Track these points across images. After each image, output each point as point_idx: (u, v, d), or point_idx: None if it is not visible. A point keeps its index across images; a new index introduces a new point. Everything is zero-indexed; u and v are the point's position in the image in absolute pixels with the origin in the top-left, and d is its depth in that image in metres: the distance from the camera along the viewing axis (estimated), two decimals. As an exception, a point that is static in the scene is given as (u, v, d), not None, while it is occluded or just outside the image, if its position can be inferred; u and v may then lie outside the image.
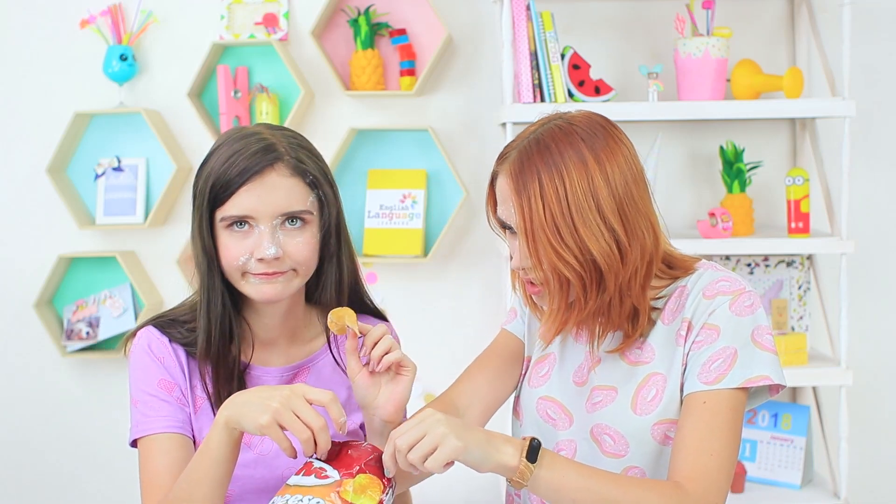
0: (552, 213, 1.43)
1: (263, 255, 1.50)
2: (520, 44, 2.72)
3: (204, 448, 1.41)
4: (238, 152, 1.52)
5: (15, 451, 3.22)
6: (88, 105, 3.11)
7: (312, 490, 1.33)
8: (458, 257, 3.13)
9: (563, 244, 1.43)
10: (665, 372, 1.49)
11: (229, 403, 1.40)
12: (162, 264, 3.15)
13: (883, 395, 3.10)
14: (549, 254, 1.43)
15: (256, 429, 1.35)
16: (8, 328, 3.19)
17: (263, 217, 1.51)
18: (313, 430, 1.33)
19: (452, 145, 3.10)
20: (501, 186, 1.51)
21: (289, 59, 3.03)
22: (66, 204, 3.06)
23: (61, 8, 3.13)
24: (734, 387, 1.44)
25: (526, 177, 1.46)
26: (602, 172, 1.44)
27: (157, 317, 1.64)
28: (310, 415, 1.34)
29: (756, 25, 3.05)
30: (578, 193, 1.43)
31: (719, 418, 1.43)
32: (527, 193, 1.45)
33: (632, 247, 1.45)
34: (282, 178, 1.51)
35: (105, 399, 3.19)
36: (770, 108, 2.76)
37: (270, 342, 1.64)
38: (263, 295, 1.53)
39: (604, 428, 1.51)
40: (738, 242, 2.75)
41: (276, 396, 1.35)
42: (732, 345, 1.45)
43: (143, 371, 1.58)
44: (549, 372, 1.60)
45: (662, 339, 1.51)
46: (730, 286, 1.49)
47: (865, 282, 3.05)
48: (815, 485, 2.90)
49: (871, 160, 3.06)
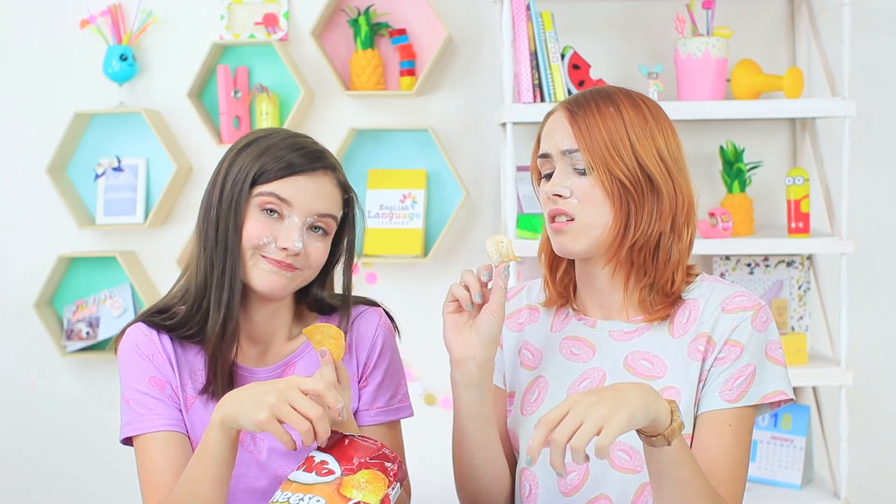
0: (610, 133, 1.47)
1: (289, 246, 1.52)
2: (520, 44, 2.72)
3: (202, 448, 1.41)
4: (302, 145, 1.57)
5: (15, 451, 3.22)
6: (88, 105, 3.11)
7: (314, 488, 1.32)
8: (458, 257, 3.13)
9: (620, 158, 1.46)
10: (679, 386, 1.49)
11: (224, 402, 1.40)
12: (162, 264, 3.15)
13: (883, 395, 3.10)
14: (607, 163, 1.46)
15: (255, 425, 1.35)
16: (8, 328, 3.19)
17: (300, 210, 1.54)
18: (312, 421, 1.34)
19: (452, 145, 3.10)
20: (552, 122, 1.53)
21: (289, 59, 3.03)
22: (66, 204, 3.06)
23: (61, 8, 3.13)
24: (753, 404, 1.46)
25: (581, 104, 1.51)
26: (659, 128, 1.50)
27: (144, 311, 1.64)
28: (307, 405, 1.34)
29: (756, 25, 3.05)
30: (636, 126, 1.48)
31: (742, 440, 1.46)
32: (582, 115, 1.49)
33: (683, 189, 1.50)
34: (331, 185, 1.57)
35: (105, 399, 3.19)
36: (770, 108, 2.76)
37: (258, 339, 1.63)
38: (267, 285, 1.53)
39: (617, 444, 1.49)
40: (738, 242, 2.75)
41: (271, 391, 1.35)
42: (752, 361, 1.47)
43: (132, 369, 1.58)
44: (542, 395, 1.58)
45: (673, 353, 1.51)
46: (748, 301, 1.50)
47: (865, 282, 3.05)
48: (815, 485, 2.90)
49: (871, 160, 3.06)
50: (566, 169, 1.50)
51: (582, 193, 1.48)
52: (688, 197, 1.51)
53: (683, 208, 1.50)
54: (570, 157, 1.49)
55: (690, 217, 1.52)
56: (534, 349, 1.62)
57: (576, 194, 1.48)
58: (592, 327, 1.57)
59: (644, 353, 1.52)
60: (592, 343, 1.57)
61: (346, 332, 1.60)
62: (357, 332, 1.67)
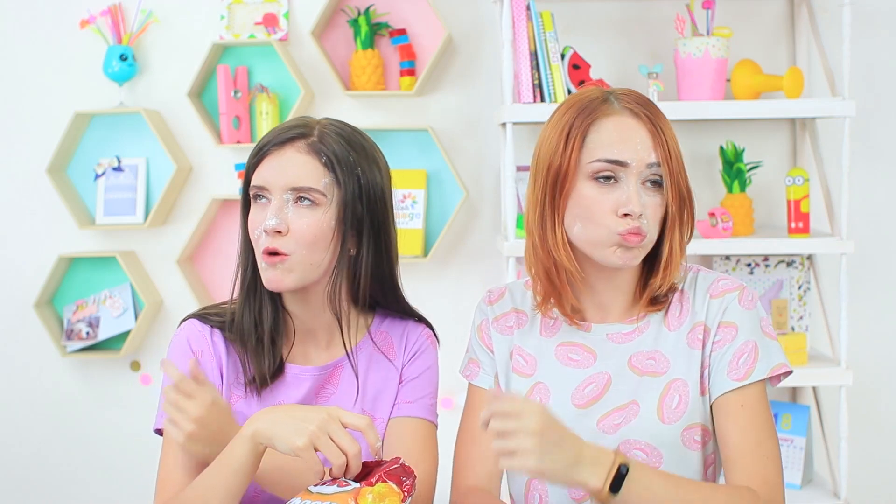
0: (675, 143, 1.50)
1: (266, 226, 1.51)
2: (520, 44, 2.72)
3: (224, 458, 1.40)
4: (273, 129, 1.57)
5: (15, 451, 3.21)
6: (88, 105, 3.11)
7: (333, 497, 1.32)
8: (458, 257, 3.13)
9: (682, 172, 1.50)
10: (685, 377, 1.50)
11: (259, 418, 1.38)
12: (162, 264, 3.15)
13: (883, 395, 3.10)
14: (677, 177, 1.48)
15: (291, 450, 1.34)
16: (8, 328, 3.19)
17: (275, 189, 1.52)
18: (348, 456, 1.34)
19: (452, 145, 3.10)
20: (619, 125, 1.48)
21: (289, 59, 3.03)
22: (66, 204, 3.06)
23: (61, 8, 3.13)
24: (762, 378, 1.48)
25: (651, 109, 1.50)
26: None
27: (203, 308, 1.65)
28: (346, 440, 1.34)
29: (756, 25, 3.05)
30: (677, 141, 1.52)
31: (760, 417, 1.47)
32: (661, 123, 1.49)
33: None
34: (297, 154, 1.53)
35: (105, 399, 3.19)
36: (770, 108, 2.76)
37: (310, 334, 1.62)
38: (268, 282, 1.53)
39: (633, 443, 1.49)
40: (738, 242, 2.75)
41: (313, 419, 1.34)
42: (752, 338, 1.49)
43: (176, 363, 1.56)
44: (544, 402, 1.55)
45: (673, 346, 1.52)
46: (731, 283, 1.53)
47: (865, 282, 3.05)
48: (815, 485, 2.90)
49: (870, 160, 3.06)
50: (637, 184, 1.47)
51: (652, 211, 1.48)
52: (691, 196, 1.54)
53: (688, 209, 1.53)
54: (650, 169, 1.47)
55: (692, 216, 1.54)
56: (526, 355, 1.60)
57: (646, 213, 1.47)
58: (588, 332, 1.56)
59: (646, 352, 1.52)
60: (591, 348, 1.55)
61: None
62: (406, 337, 1.67)
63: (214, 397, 1.44)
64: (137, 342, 3.13)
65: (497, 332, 1.63)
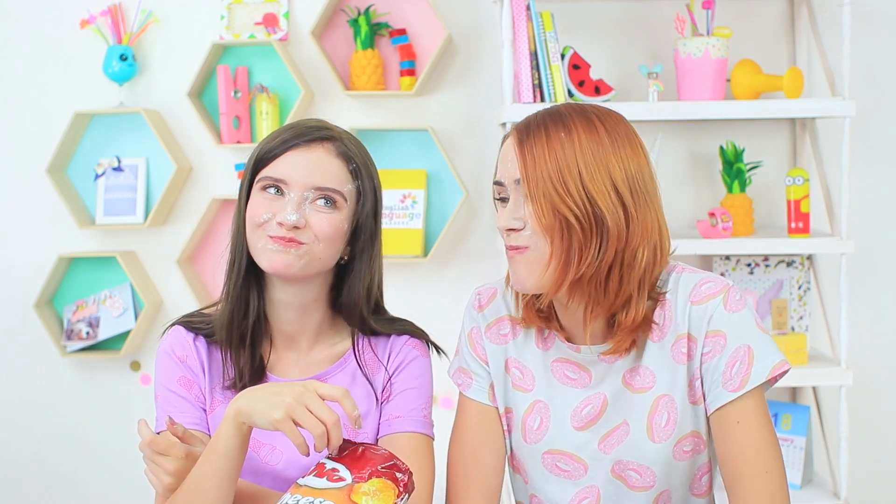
0: (557, 163, 1.39)
1: (284, 220, 1.51)
2: (520, 44, 2.72)
3: (213, 442, 1.42)
4: (291, 127, 1.57)
5: (15, 451, 3.22)
6: (88, 105, 3.11)
7: (323, 493, 1.32)
8: (458, 257, 3.13)
9: (567, 192, 1.38)
10: (670, 392, 1.46)
11: (239, 398, 1.41)
12: (162, 264, 3.15)
13: (883, 395, 3.10)
14: (551, 197, 1.38)
15: (269, 423, 1.35)
16: (8, 328, 3.19)
17: (297, 185, 1.53)
18: (327, 426, 1.34)
19: (452, 145, 3.10)
20: (505, 148, 1.47)
21: (289, 59, 3.03)
22: (66, 204, 3.06)
23: (61, 8, 3.13)
24: (761, 382, 1.41)
25: (531, 130, 1.43)
26: (615, 151, 1.40)
27: (187, 315, 1.67)
28: (323, 410, 1.35)
29: (756, 25, 3.05)
30: (588, 154, 1.39)
31: (759, 430, 1.41)
32: (530, 143, 1.42)
33: (639, 218, 1.40)
34: (328, 156, 1.55)
35: (105, 399, 3.19)
36: (770, 108, 2.76)
37: (291, 340, 1.63)
38: (274, 264, 1.52)
39: (626, 464, 1.47)
40: (738, 242, 2.75)
41: (288, 392, 1.36)
42: (743, 343, 1.41)
43: (165, 369, 1.62)
44: (545, 423, 1.53)
45: (657, 359, 1.47)
46: (714, 286, 1.44)
47: (865, 282, 3.05)
48: (815, 485, 2.90)
49: (871, 160, 3.06)
50: (519, 199, 1.43)
51: (534, 223, 1.41)
52: (651, 223, 1.42)
53: (638, 237, 1.41)
54: (520, 186, 1.43)
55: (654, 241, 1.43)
56: (523, 368, 1.56)
57: (529, 225, 1.42)
58: (577, 352, 1.52)
59: (637, 367, 1.48)
60: (586, 366, 1.52)
61: None
62: (389, 352, 1.65)
63: (188, 450, 1.49)
64: (137, 342, 3.14)
65: (490, 343, 1.59)
